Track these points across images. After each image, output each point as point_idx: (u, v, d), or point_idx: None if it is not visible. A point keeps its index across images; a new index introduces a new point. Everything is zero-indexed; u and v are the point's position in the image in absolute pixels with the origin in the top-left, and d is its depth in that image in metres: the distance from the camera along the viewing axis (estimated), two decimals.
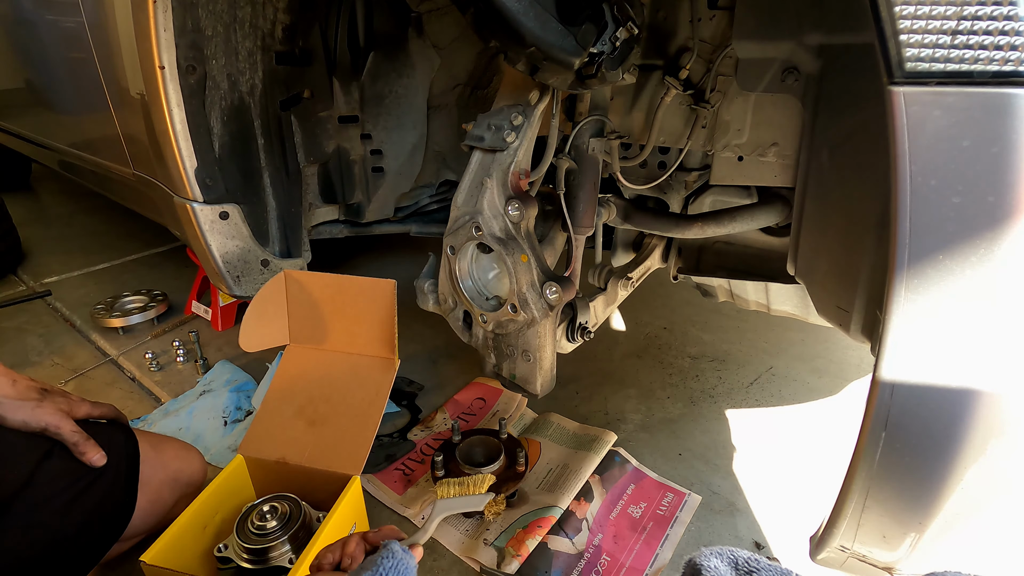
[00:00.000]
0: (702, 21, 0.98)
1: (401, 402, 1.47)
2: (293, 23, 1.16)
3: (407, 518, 1.12)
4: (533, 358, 1.03)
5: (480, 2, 0.74)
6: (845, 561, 0.72)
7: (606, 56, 0.79)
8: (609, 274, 1.25)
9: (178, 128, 1.05)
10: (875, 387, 0.58)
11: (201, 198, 1.12)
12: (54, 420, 0.83)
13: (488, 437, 1.20)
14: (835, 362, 1.63)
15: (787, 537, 1.09)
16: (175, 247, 2.50)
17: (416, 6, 1.28)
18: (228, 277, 1.21)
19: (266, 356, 1.58)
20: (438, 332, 1.73)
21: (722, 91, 1.01)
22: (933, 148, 0.50)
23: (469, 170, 0.98)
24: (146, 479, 0.91)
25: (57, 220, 3.00)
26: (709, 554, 0.69)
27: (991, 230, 0.49)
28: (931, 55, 0.49)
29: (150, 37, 0.97)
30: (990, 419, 0.54)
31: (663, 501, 1.16)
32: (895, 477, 0.61)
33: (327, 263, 2.28)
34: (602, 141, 1.04)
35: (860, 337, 0.80)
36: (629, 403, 1.46)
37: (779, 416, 1.43)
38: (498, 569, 1.00)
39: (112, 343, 1.76)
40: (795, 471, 1.24)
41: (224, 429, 1.33)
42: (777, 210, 1.07)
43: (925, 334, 0.54)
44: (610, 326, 1.85)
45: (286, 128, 1.24)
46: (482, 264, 1.04)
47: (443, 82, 1.41)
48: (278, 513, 0.93)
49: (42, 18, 1.61)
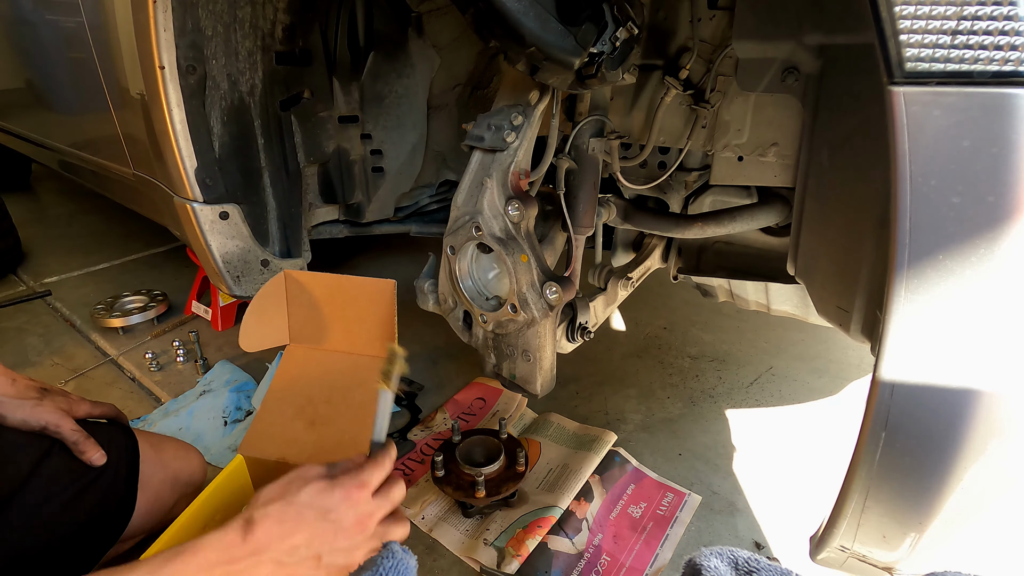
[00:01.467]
0: (702, 21, 0.98)
1: (401, 402, 1.47)
2: (293, 23, 1.16)
3: (407, 518, 1.12)
4: (533, 358, 1.03)
5: (480, 2, 0.74)
6: (845, 561, 0.72)
7: (606, 56, 0.79)
8: (609, 274, 1.25)
9: (178, 128, 1.05)
10: (875, 387, 0.58)
11: (201, 198, 1.12)
12: (54, 418, 0.83)
13: (488, 437, 1.20)
14: (835, 362, 1.63)
15: (787, 537, 1.09)
16: (175, 247, 2.50)
17: (416, 6, 1.28)
18: (228, 277, 1.21)
19: (266, 356, 1.58)
20: (438, 332, 1.73)
21: (722, 91, 1.01)
22: (933, 148, 0.50)
23: (469, 170, 0.98)
24: (146, 479, 0.91)
25: (57, 220, 3.00)
26: (709, 554, 0.69)
27: (991, 230, 0.49)
28: (931, 55, 0.49)
29: (150, 37, 0.97)
30: (990, 419, 0.54)
31: (663, 501, 1.16)
32: (895, 477, 0.61)
33: (327, 263, 2.28)
34: (602, 141, 1.04)
35: (860, 337, 0.81)
36: (629, 403, 1.46)
37: (779, 416, 1.43)
38: (498, 569, 1.00)
39: (112, 343, 1.76)
40: (795, 471, 1.24)
41: (224, 429, 1.33)
42: (777, 210, 1.07)
43: (925, 334, 0.54)
44: (610, 326, 1.85)
45: (286, 128, 1.24)
46: (482, 264, 1.04)
47: (443, 82, 1.41)
48: None
49: (42, 18, 1.61)
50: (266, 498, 0.66)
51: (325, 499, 0.66)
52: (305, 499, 0.65)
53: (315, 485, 0.67)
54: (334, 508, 0.66)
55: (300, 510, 0.65)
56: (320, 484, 0.67)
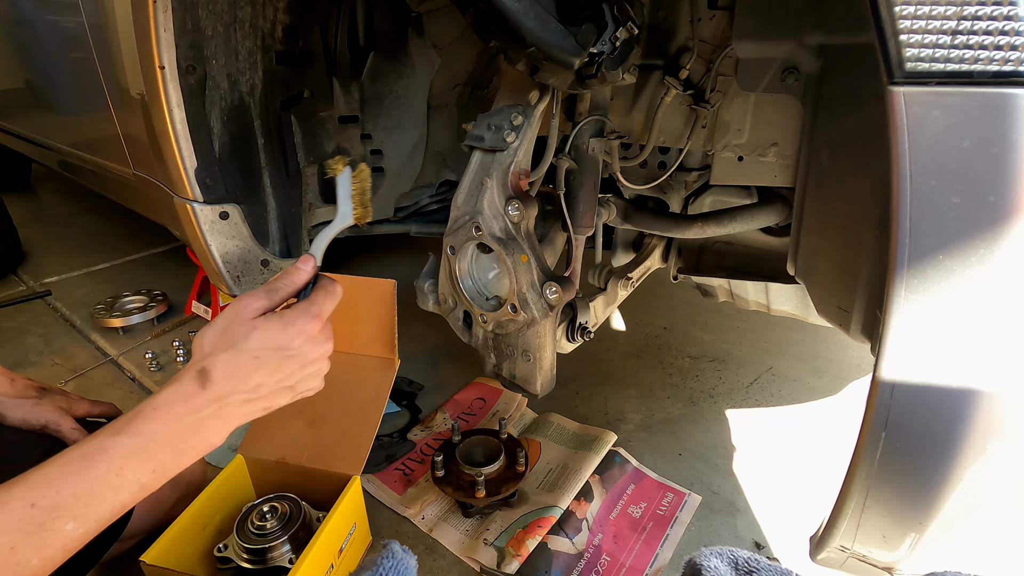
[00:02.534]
0: (702, 21, 0.98)
1: (401, 402, 1.47)
2: (293, 23, 1.16)
3: (407, 518, 1.12)
4: (533, 358, 1.03)
5: (480, 2, 0.74)
6: (845, 561, 0.72)
7: (606, 56, 0.79)
8: (609, 274, 1.25)
9: (178, 128, 1.05)
10: (875, 387, 0.58)
11: (201, 198, 1.12)
12: (54, 417, 0.83)
13: (488, 437, 1.20)
14: (835, 362, 1.63)
15: (787, 537, 1.09)
16: (175, 247, 2.50)
17: (416, 6, 1.28)
18: (228, 277, 1.21)
19: None
20: (438, 332, 1.73)
21: (722, 91, 1.01)
22: (933, 148, 0.50)
23: (469, 170, 0.98)
24: None
25: (57, 220, 3.00)
26: (709, 554, 0.69)
27: (991, 230, 0.49)
28: (931, 55, 0.49)
29: (150, 37, 0.97)
30: (990, 419, 0.54)
31: (663, 501, 1.16)
32: (895, 477, 0.61)
33: (327, 263, 2.27)
34: (602, 141, 1.04)
35: (860, 337, 0.80)
36: (629, 403, 1.46)
37: (779, 416, 1.43)
38: (498, 569, 1.00)
39: (112, 343, 1.76)
40: (795, 471, 1.24)
41: None
42: (777, 210, 1.07)
43: (925, 334, 0.54)
44: (610, 326, 1.85)
45: (286, 128, 1.24)
46: (482, 264, 1.04)
47: (443, 82, 1.41)
48: (278, 513, 0.93)
49: (42, 18, 1.61)
50: (211, 346, 0.63)
51: (279, 339, 0.64)
52: (256, 344, 0.63)
53: (264, 328, 0.63)
54: (290, 344, 0.64)
55: (255, 354, 0.63)
56: (269, 326, 0.64)
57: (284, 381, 0.66)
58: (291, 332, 0.65)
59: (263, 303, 0.65)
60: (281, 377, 0.65)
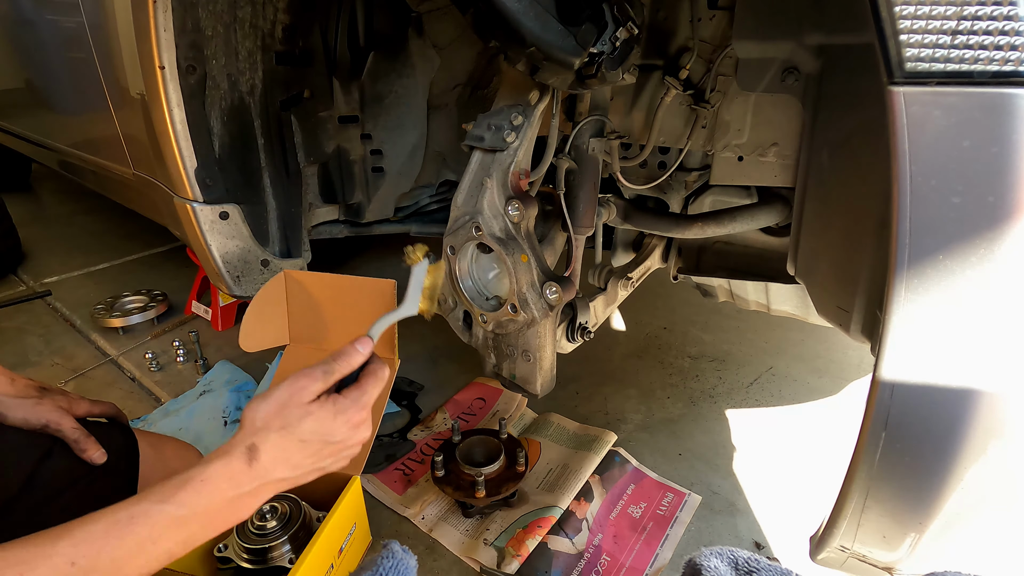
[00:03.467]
0: (702, 21, 0.98)
1: (401, 402, 1.47)
2: (293, 23, 1.16)
3: (407, 518, 1.12)
4: (533, 358, 1.03)
5: (480, 2, 0.74)
6: (845, 561, 0.72)
7: (606, 56, 0.79)
8: (609, 274, 1.25)
9: (178, 128, 1.05)
10: (875, 387, 0.58)
11: (201, 198, 1.12)
12: (54, 417, 0.83)
13: (488, 437, 1.20)
14: (835, 362, 1.63)
15: (787, 537, 1.09)
16: (175, 247, 2.50)
17: (416, 6, 1.28)
18: (228, 277, 1.21)
19: (266, 356, 1.58)
20: (438, 332, 1.73)
21: (722, 91, 1.01)
22: (933, 148, 0.50)
23: (469, 170, 0.98)
24: (146, 478, 0.91)
25: (57, 220, 3.00)
26: (709, 554, 0.69)
27: (991, 230, 0.49)
28: (931, 55, 0.49)
29: (150, 37, 0.97)
30: (990, 419, 0.54)
31: (663, 501, 1.16)
32: (895, 477, 0.61)
33: (327, 263, 2.28)
34: (602, 141, 1.04)
35: (860, 337, 0.80)
36: (629, 403, 1.46)
37: (779, 416, 1.43)
38: (498, 569, 1.00)
39: (112, 343, 1.76)
40: (795, 471, 1.24)
41: (224, 429, 1.33)
42: (777, 210, 1.07)
43: (925, 334, 0.54)
44: (610, 326, 1.85)
45: (286, 128, 1.24)
46: (482, 264, 1.04)
47: (443, 82, 1.41)
48: (278, 513, 0.93)
49: (42, 18, 1.61)
50: (264, 422, 0.65)
51: (328, 426, 0.67)
52: (308, 429, 0.65)
53: (317, 416, 0.66)
54: (336, 432, 0.67)
55: (303, 438, 0.65)
56: (322, 415, 0.66)
57: (320, 463, 0.68)
58: (340, 420, 0.67)
59: (319, 386, 0.68)
60: (319, 459, 0.68)
